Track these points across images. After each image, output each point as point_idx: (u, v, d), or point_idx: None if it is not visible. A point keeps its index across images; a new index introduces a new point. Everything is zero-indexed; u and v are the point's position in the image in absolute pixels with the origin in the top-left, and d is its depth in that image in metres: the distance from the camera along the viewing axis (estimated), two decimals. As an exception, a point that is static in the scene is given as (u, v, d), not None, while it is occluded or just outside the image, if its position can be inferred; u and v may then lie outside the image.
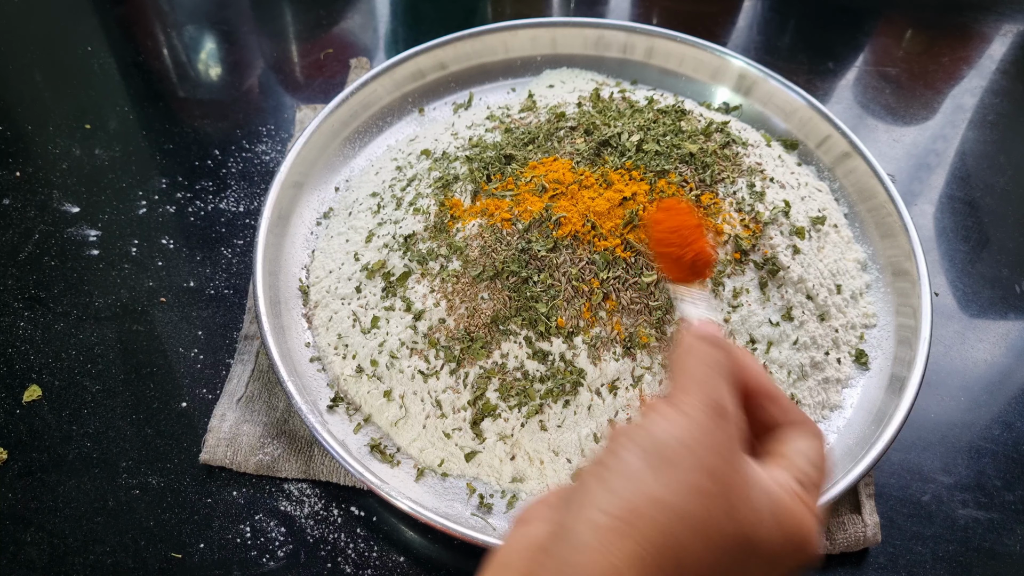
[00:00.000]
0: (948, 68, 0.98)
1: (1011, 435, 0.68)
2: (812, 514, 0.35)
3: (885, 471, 0.66)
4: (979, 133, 0.91)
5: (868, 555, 0.62)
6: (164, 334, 0.70)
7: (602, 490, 0.32)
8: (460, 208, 0.67)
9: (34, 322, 0.70)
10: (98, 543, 0.59)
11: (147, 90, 0.89)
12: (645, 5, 1.03)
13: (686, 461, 0.32)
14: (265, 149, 0.83)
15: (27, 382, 0.66)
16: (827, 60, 0.97)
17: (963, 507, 0.64)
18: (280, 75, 0.92)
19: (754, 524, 0.32)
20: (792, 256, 0.66)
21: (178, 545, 0.59)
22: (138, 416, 0.65)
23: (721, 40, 0.99)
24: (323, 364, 0.66)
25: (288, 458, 0.62)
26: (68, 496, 0.61)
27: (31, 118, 0.85)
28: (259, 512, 0.61)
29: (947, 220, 0.83)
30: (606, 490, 0.31)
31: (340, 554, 0.59)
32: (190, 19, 0.97)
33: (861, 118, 0.92)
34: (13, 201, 0.77)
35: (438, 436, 0.61)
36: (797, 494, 0.35)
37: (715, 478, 0.32)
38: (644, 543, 0.30)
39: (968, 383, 0.71)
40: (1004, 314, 0.76)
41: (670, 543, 0.30)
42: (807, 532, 0.34)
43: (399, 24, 0.98)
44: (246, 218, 0.77)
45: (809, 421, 0.39)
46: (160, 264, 0.74)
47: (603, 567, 0.29)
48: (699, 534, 0.31)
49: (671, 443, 0.32)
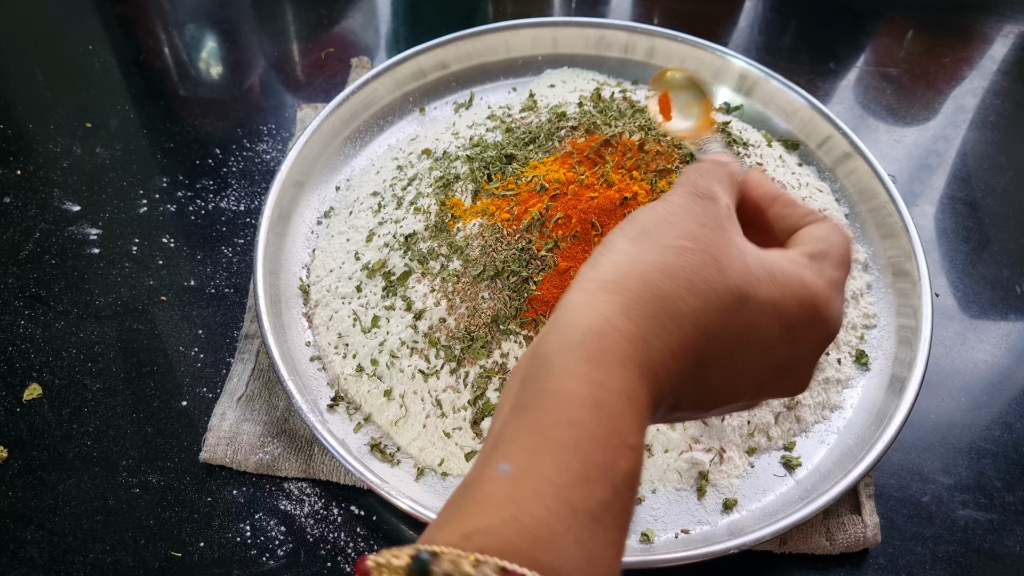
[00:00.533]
0: (949, 69, 0.98)
1: (1011, 436, 0.68)
2: (824, 280, 0.35)
3: (885, 472, 0.66)
4: (980, 134, 0.91)
5: (868, 556, 0.61)
6: (164, 333, 0.70)
7: (590, 267, 0.34)
8: (461, 207, 0.67)
9: (35, 320, 0.70)
10: (98, 541, 0.59)
11: (148, 89, 0.89)
12: (646, 5, 1.03)
13: (667, 230, 0.34)
14: (266, 148, 0.83)
15: (27, 380, 0.66)
16: (828, 60, 0.97)
17: (963, 508, 0.64)
18: (281, 74, 0.92)
19: (748, 280, 0.33)
20: None
21: (178, 544, 0.59)
22: (138, 415, 0.65)
23: (722, 40, 0.99)
24: (323, 363, 0.66)
25: (288, 457, 0.62)
26: (68, 494, 0.61)
27: (32, 116, 0.85)
28: (259, 511, 0.61)
29: (948, 221, 0.83)
30: (593, 266, 0.33)
31: (340, 553, 0.59)
32: (191, 18, 0.97)
33: (862, 118, 0.92)
34: (14, 199, 0.77)
35: (438, 435, 0.61)
36: (805, 263, 0.35)
37: (696, 239, 0.33)
38: (629, 295, 0.31)
39: (968, 384, 0.71)
40: (1005, 315, 0.76)
41: (655, 292, 0.31)
42: (815, 294, 0.34)
43: (400, 23, 0.98)
44: (247, 217, 0.77)
45: (828, 217, 0.39)
46: (161, 263, 0.74)
47: (592, 318, 0.31)
48: (684, 283, 0.32)
49: (653, 220, 0.35)
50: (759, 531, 0.56)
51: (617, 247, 0.34)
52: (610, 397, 0.29)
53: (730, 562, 0.58)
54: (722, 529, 0.59)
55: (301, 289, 0.70)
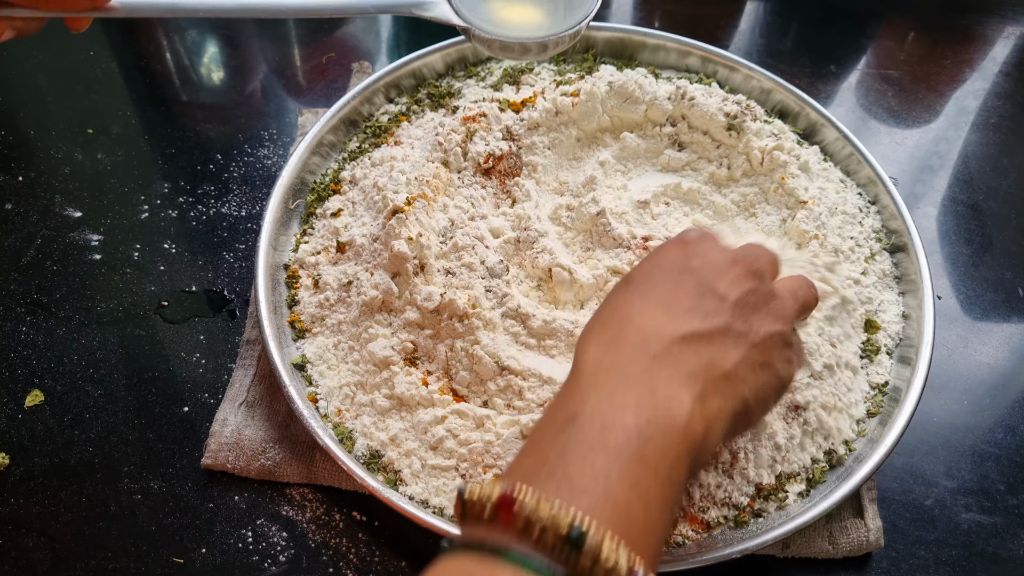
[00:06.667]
0: (951, 70, 0.98)
1: (1015, 439, 0.68)
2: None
3: (888, 475, 0.65)
4: (982, 136, 0.91)
5: (871, 559, 0.61)
6: (166, 339, 0.70)
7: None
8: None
9: (36, 327, 0.70)
10: (100, 548, 0.59)
11: (149, 94, 0.89)
12: (647, 8, 1.03)
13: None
14: (267, 153, 0.83)
15: (29, 387, 0.66)
16: (829, 63, 0.97)
17: (966, 511, 0.64)
18: (282, 79, 0.92)
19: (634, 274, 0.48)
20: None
21: (180, 550, 0.59)
22: (140, 421, 0.65)
23: (723, 43, 0.99)
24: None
25: (290, 463, 0.62)
26: (70, 501, 0.61)
27: (33, 123, 0.85)
28: (261, 517, 0.61)
29: (950, 223, 0.83)
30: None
31: (342, 559, 0.59)
32: (192, 23, 0.98)
33: (863, 121, 0.92)
34: (16, 206, 0.78)
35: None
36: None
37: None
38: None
39: (971, 387, 0.71)
40: (1007, 317, 0.76)
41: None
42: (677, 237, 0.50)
43: (401, 28, 0.98)
44: (248, 222, 0.77)
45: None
46: (162, 268, 0.74)
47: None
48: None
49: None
50: (762, 535, 0.56)
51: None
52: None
53: (733, 566, 0.58)
54: (724, 533, 0.59)
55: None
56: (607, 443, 0.37)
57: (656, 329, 0.42)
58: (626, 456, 0.36)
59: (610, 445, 0.37)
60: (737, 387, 0.42)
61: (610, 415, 0.38)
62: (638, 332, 0.42)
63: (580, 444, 0.37)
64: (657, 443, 0.37)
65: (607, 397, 0.39)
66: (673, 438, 0.38)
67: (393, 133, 0.78)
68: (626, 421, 0.38)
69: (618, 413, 0.38)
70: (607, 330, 0.43)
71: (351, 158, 0.77)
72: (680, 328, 0.42)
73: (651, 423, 0.38)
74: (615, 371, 0.40)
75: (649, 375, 0.40)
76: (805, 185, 0.71)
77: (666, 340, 0.41)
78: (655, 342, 0.41)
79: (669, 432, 0.38)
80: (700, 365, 0.41)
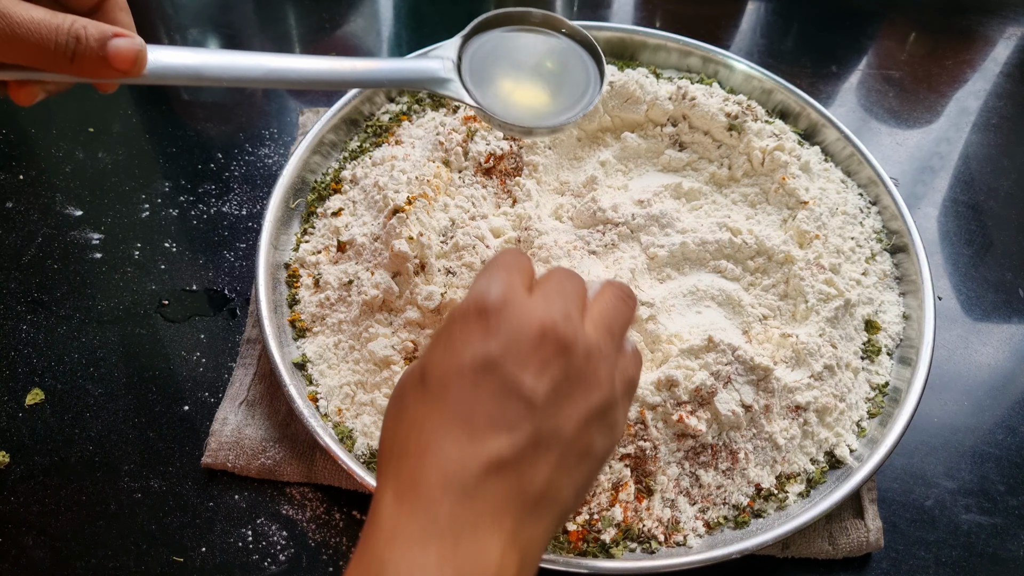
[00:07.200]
0: (951, 71, 0.98)
1: (1015, 440, 0.68)
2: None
3: (888, 476, 0.65)
4: (983, 136, 0.91)
5: (871, 560, 0.61)
6: (166, 337, 0.70)
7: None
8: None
9: (37, 325, 0.70)
10: (100, 547, 0.59)
11: (150, 93, 0.89)
12: (648, 8, 1.03)
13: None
14: (268, 152, 0.83)
15: (29, 385, 0.66)
16: (830, 63, 0.97)
17: (966, 512, 0.64)
18: (283, 78, 0.92)
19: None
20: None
21: (180, 549, 0.59)
22: (140, 420, 0.65)
23: (724, 44, 0.99)
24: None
25: (290, 462, 0.62)
26: (70, 500, 0.61)
27: (34, 122, 0.85)
28: (261, 516, 0.61)
29: (950, 224, 0.83)
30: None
31: (342, 558, 0.59)
32: (194, 22, 0.98)
33: (864, 121, 0.92)
34: (16, 204, 0.78)
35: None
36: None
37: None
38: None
39: (971, 387, 0.71)
40: (1008, 318, 0.76)
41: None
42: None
43: (402, 27, 0.98)
44: (249, 221, 0.77)
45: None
46: (163, 267, 0.74)
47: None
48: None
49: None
50: (762, 535, 0.56)
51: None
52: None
53: (733, 566, 0.58)
54: (725, 533, 0.59)
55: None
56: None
57: (458, 463, 0.37)
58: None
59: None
60: (553, 503, 0.39)
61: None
62: (437, 470, 0.37)
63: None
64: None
65: (406, 558, 0.36)
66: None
67: (394, 132, 0.78)
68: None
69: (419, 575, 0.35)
70: (404, 467, 0.38)
71: (352, 157, 0.77)
72: (482, 454, 0.37)
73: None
74: (415, 522, 0.36)
75: (453, 522, 0.36)
76: (806, 185, 0.71)
77: (468, 474, 0.37)
78: (456, 480, 0.37)
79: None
80: (509, 496, 0.37)
